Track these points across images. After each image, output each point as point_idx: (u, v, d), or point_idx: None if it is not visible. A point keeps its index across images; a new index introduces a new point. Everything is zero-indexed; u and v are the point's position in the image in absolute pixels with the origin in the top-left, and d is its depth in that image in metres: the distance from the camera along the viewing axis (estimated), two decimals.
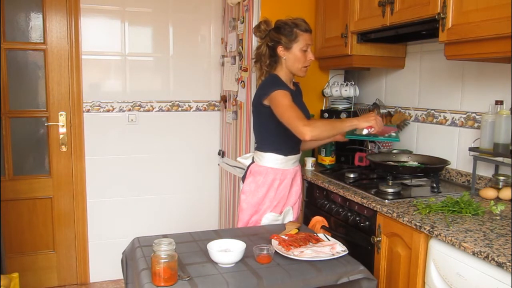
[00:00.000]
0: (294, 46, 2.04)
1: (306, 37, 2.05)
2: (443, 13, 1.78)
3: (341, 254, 1.55)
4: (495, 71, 2.05)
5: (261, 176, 2.08)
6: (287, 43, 2.04)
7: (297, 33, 2.04)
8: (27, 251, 3.15)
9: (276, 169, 2.08)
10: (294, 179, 2.16)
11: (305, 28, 2.05)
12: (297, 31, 2.04)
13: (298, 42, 2.04)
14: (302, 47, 2.04)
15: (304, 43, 2.04)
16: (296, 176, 2.18)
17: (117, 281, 3.29)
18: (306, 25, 2.06)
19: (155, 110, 3.36)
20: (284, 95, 1.93)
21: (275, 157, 2.08)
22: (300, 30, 2.04)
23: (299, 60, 2.06)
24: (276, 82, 2.03)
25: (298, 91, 2.25)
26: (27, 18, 3.04)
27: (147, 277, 1.39)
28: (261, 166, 2.09)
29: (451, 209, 1.69)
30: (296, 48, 2.04)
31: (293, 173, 2.14)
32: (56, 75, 3.11)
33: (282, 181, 2.09)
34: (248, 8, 2.82)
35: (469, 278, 1.37)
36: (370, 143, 2.54)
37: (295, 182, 2.17)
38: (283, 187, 2.10)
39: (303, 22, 2.07)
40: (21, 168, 3.12)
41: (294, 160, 2.14)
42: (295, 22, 2.06)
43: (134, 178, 3.35)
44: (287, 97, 1.93)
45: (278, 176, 2.08)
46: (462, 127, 2.25)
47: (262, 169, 2.09)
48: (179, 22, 3.33)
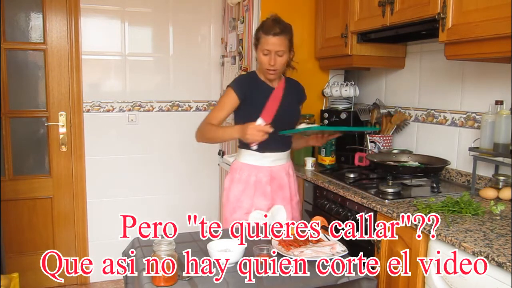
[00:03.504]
0: (258, 47, 1.99)
1: (268, 41, 1.93)
2: (443, 13, 1.78)
3: (341, 254, 1.55)
4: (495, 71, 2.05)
5: (236, 172, 2.10)
6: (256, 44, 2.02)
7: (259, 35, 1.98)
8: (27, 251, 3.15)
9: (251, 166, 2.06)
10: (279, 178, 2.09)
11: (268, 31, 1.93)
12: (259, 33, 1.98)
13: (260, 44, 1.98)
14: (263, 51, 1.96)
15: (264, 48, 1.95)
16: (282, 174, 2.11)
17: (117, 281, 3.29)
18: (273, 28, 1.93)
19: (155, 110, 3.36)
20: (226, 92, 2.04)
21: (250, 153, 2.07)
22: (262, 32, 1.96)
23: (260, 63, 2.01)
24: (237, 79, 2.09)
25: (289, 88, 2.13)
26: (27, 18, 3.04)
27: (147, 277, 1.39)
28: (238, 163, 2.11)
29: (451, 209, 1.69)
30: (259, 51, 1.99)
31: (275, 171, 2.08)
32: (56, 75, 3.11)
33: (260, 178, 2.05)
34: (248, 8, 2.82)
35: (469, 278, 1.37)
36: (370, 143, 2.54)
37: (281, 180, 2.10)
38: (262, 185, 2.06)
39: (272, 23, 1.95)
40: (21, 168, 3.12)
41: (274, 158, 2.08)
42: (263, 23, 2.00)
43: (134, 178, 3.35)
44: (226, 95, 2.03)
45: (253, 173, 2.06)
46: (462, 127, 2.25)
47: (238, 166, 2.10)
48: (179, 22, 3.33)
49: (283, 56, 1.97)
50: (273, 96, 2.05)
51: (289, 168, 2.17)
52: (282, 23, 1.98)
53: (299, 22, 2.88)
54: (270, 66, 1.96)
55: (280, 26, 1.94)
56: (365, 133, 2.59)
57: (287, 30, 1.98)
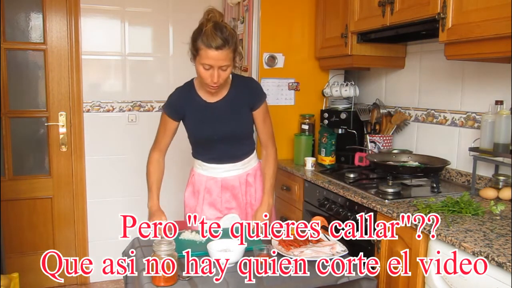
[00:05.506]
0: (197, 60, 1.69)
1: (209, 55, 1.63)
2: (443, 13, 1.78)
3: (341, 254, 1.55)
4: (495, 71, 2.05)
5: (190, 179, 2.05)
6: (193, 52, 1.70)
7: (198, 45, 1.65)
8: (27, 251, 3.15)
9: (202, 175, 1.97)
10: (231, 188, 1.96)
11: (209, 43, 1.61)
12: (198, 43, 1.65)
13: (199, 57, 1.67)
14: (203, 65, 1.67)
15: (204, 62, 1.66)
16: (235, 184, 1.96)
17: (117, 281, 3.29)
18: (215, 39, 1.61)
19: (155, 110, 3.36)
20: (161, 115, 1.93)
21: (199, 163, 1.98)
22: (202, 43, 1.63)
23: (200, 77, 1.73)
24: (169, 99, 1.90)
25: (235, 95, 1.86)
26: (27, 18, 3.04)
27: (147, 277, 1.39)
28: (192, 170, 2.04)
29: (451, 209, 1.69)
30: (198, 63, 1.69)
31: (228, 181, 1.95)
32: (56, 75, 3.11)
33: (210, 188, 1.96)
34: (248, 8, 2.82)
35: (469, 278, 1.37)
36: (370, 143, 2.54)
37: (234, 190, 1.96)
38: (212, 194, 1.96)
39: (213, 32, 1.62)
40: (21, 168, 3.12)
41: (224, 170, 1.93)
42: (202, 30, 1.65)
43: (134, 178, 3.35)
44: (162, 119, 1.93)
45: (203, 182, 1.96)
46: (462, 127, 2.25)
47: (192, 173, 2.03)
48: (179, 22, 3.33)
49: (227, 70, 1.71)
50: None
51: (247, 176, 1.98)
52: (225, 31, 1.64)
53: (299, 22, 2.88)
54: (212, 82, 1.70)
55: (222, 37, 1.62)
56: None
57: (231, 40, 1.66)
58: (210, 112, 1.87)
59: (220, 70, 1.68)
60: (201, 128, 1.89)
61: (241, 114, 1.89)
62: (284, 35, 2.85)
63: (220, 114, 1.86)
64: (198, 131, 1.90)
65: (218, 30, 1.64)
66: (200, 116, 1.87)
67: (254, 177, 2.01)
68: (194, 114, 1.88)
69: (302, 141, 2.75)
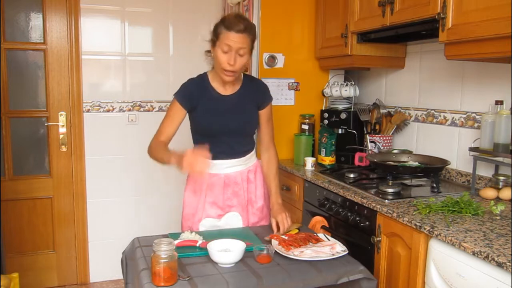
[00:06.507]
0: (217, 44, 1.80)
1: (229, 37, 1.74)
2: (443, 13, 1.78)
3: (341, 254, 1.54)
4: (495, 71, 2.05)
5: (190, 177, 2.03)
6: (214, 39, 1.83)
7: (220, 30, 1.78)
8: (27, 251, 3.15)
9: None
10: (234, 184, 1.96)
11: (231, 26, 1.74)
12: (220, 28, 1.78)
13: (219, 41, 1.78)
14: (222, 48, 1.77)
15: (224, 43, 1.75)
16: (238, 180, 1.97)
17: (117, 281, 3.29)
18: (237, 23, 1.74)
19: (155, 110, 3.36)
20: (172, 103, 1.92)
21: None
22: (224, 27, 1.76)
23: (218, 61, 1.80)
24: (182, 87, 1.93)
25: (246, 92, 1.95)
26: (27, 18, 3.04)
27: (147, 277, 1.39)
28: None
29: (451, 209, 1.69)
30: (218, 47, 1.79)
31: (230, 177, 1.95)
32: (56, 75, 3.11)
33: (212, 185, 1.94)
34: (248, 8, 2.82)
35: (469, 278, 1.37)
36: (370, 143, 2.54)
37: (236, 187, 1.97)
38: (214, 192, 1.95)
39: (235, 19, 1.76)
40: (21, 168, 3.12)
41: (227, 165, 1.94)
42: (225, 18, 1.80)
43: (134, 178, 3.35)
44: (172, 106, 1.91)
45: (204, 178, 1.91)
46: (462, 127, 2.25)
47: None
48: (179, 22, 3.33)
49: (244, 57, 1.79)
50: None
51: (248, 173, 2.00)
52: (247, 20, 1.80)
53: (299, 22, 2.88)
54: (228, 66, 1.77)
55: (244, 23, 1.76)
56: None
57: (251, 29, 1.79)
58: (222, 104, 1.91)
59: (237, 55, 1.76)
60: (211, 120, 1.91)
61: (250, 110, 1.96)
62: (284, 35, 2.85)
63: (231, 107, 1.91)
64: (208, 123, 1.91)
65: (240, 18, 1.77)
66: (212, 107, 1.90)
67: (254, 174, 2.03)
68: (207, 104, 1.90)
69: (302, 141, 2.75)
